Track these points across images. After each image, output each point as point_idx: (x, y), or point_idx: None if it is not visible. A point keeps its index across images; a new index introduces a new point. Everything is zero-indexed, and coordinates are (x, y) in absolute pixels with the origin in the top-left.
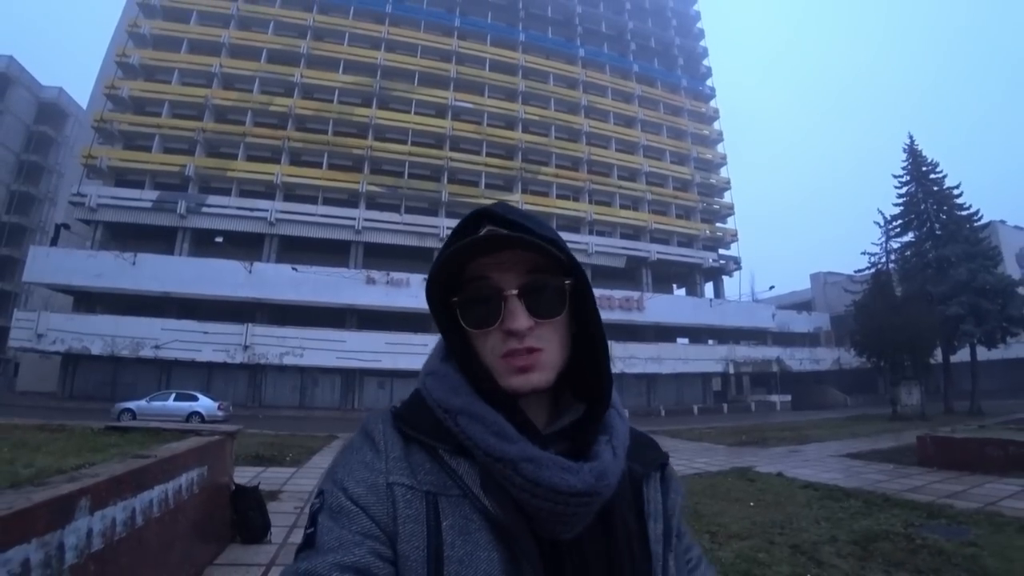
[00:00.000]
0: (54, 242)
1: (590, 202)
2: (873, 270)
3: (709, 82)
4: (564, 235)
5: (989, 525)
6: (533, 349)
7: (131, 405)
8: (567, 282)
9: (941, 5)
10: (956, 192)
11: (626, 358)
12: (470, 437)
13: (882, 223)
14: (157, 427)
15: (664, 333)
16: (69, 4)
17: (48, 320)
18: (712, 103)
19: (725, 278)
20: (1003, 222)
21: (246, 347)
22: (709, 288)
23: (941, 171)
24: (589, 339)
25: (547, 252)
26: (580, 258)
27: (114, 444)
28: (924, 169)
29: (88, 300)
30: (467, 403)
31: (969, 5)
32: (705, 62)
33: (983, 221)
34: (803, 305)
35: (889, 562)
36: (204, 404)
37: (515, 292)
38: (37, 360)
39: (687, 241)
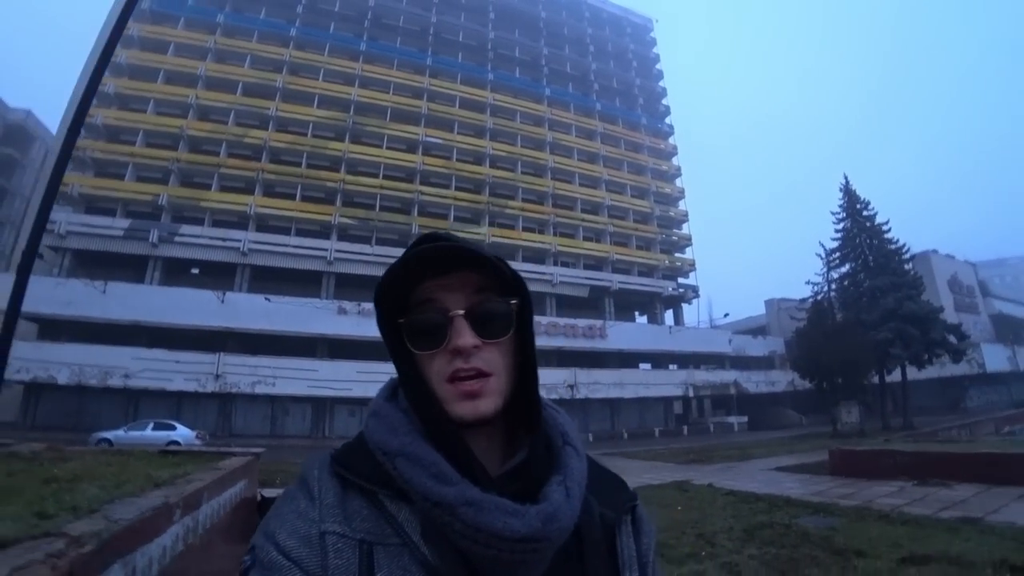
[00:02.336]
0: None
1: (555, 234)
2: (816, 298)
3: (668, 120)
4: (530, 266)
5: (856, 516)
6: (480, 372)
7: (108, 435)
8: (513, 302)
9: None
10: (885, 228)
11: (590, 384)
12: (408, 481)
13: (823, 255)
14: (200, 450)
15: (627, 359)
16: (40, 29)
17: (13, 348)
18: (670, 140)
19: (684, 306)
20: (935, 251)
21: (217, 376)
22: (669, 316)
23: (873, 209)
24: (524, 362)
25: (494, 267)
26: (544, 288)
27: (177, 463)
28: (858, 207)
29: (54, 328)
30: (405, 444)
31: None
32: (664, 101)
33: (912, 252)
34: (758, 330)
35: (763, 542)
36: (182, 433)
37: (461, 312)
38: None
39: (647, 271)
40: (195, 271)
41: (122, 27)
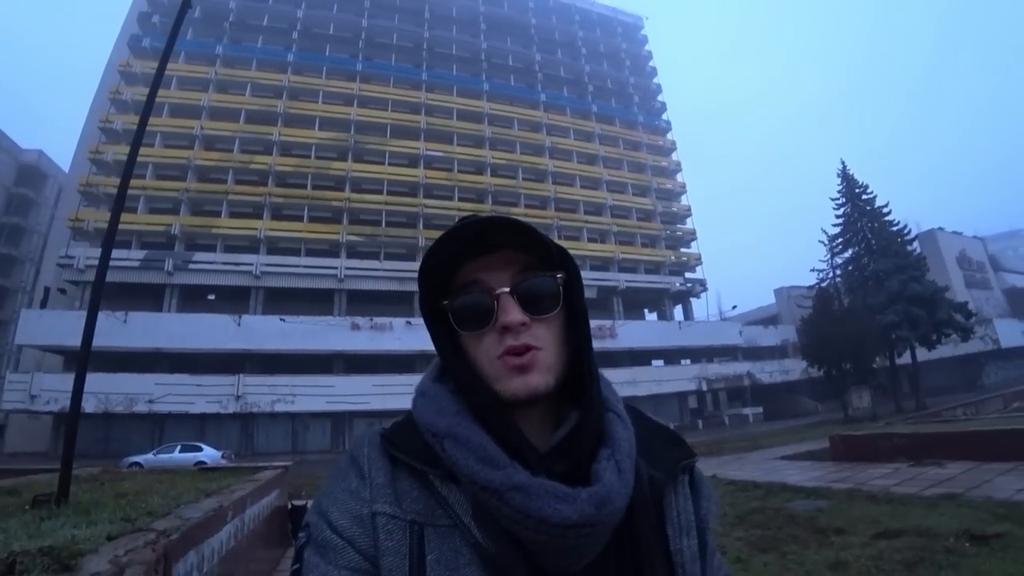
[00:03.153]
0: (44, 304)
1: (559, 238)
2: (821, 286)
3: (664, 116)
4: None
5: (845, 498)
6: (530, 347)
7: (139, 459)
8: (559, 276)
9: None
10: (885, 210)
11: None
12: (455, 463)
13: (826, 241)
14: (236, 466)
15: (639, 357)
16: (47, 70)
17: (42, 381)
18: (669, 135)
19: (693, 300)
20: (941, 229)
21: (238, 397)
22: (679, 311)
23: (872, 192)
24: (576, 334)
25: (537, 241)
26: None
27: (218, 477)
28: (857, 191)
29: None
30: (453, 425)
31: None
32: (660, 98)
33: (918, 231)
34: (770, 319)
35: (752, 524)
36: (209, 454)
37: (507, 290)
38: (26, 420)
39: (654, 268)
40: (211, 296)
41: (160, 74)
